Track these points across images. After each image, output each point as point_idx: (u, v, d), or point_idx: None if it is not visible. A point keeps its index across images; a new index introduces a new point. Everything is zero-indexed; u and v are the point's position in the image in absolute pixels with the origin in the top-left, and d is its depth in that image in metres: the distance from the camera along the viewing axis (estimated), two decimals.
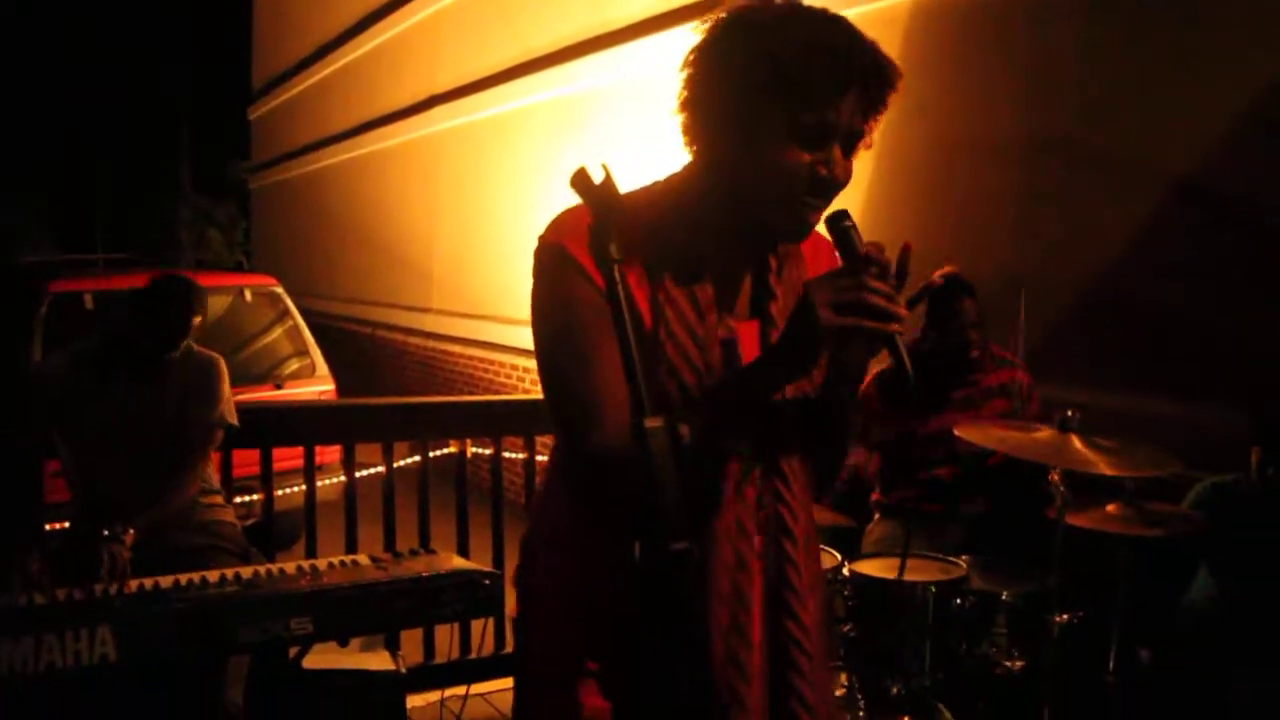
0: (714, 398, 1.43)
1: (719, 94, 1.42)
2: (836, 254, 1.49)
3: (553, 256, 1.43)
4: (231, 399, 3.43)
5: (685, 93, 1.46)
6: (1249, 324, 3.55)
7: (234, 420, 3.41)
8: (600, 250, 1.26)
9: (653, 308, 1.44)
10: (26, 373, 5.62)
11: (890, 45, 4.98)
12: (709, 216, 1.48)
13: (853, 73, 1.38)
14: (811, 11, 1.42)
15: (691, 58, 1.45)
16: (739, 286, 1.55)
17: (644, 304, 1.44)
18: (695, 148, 1.48)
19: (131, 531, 2.96)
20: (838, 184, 1.43)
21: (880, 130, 1.50)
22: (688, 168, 1.52)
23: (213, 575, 2.67)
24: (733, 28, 1.42)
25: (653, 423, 1.14)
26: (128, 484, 3.19)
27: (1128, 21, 3.93)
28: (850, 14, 1.47)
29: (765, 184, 1.42)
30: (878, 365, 3.75)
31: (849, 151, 1.44)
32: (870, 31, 1.44)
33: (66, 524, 3.38)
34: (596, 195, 1.28)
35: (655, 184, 1.54)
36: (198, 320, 3.36)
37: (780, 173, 1.40)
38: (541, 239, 1.46)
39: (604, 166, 1.31)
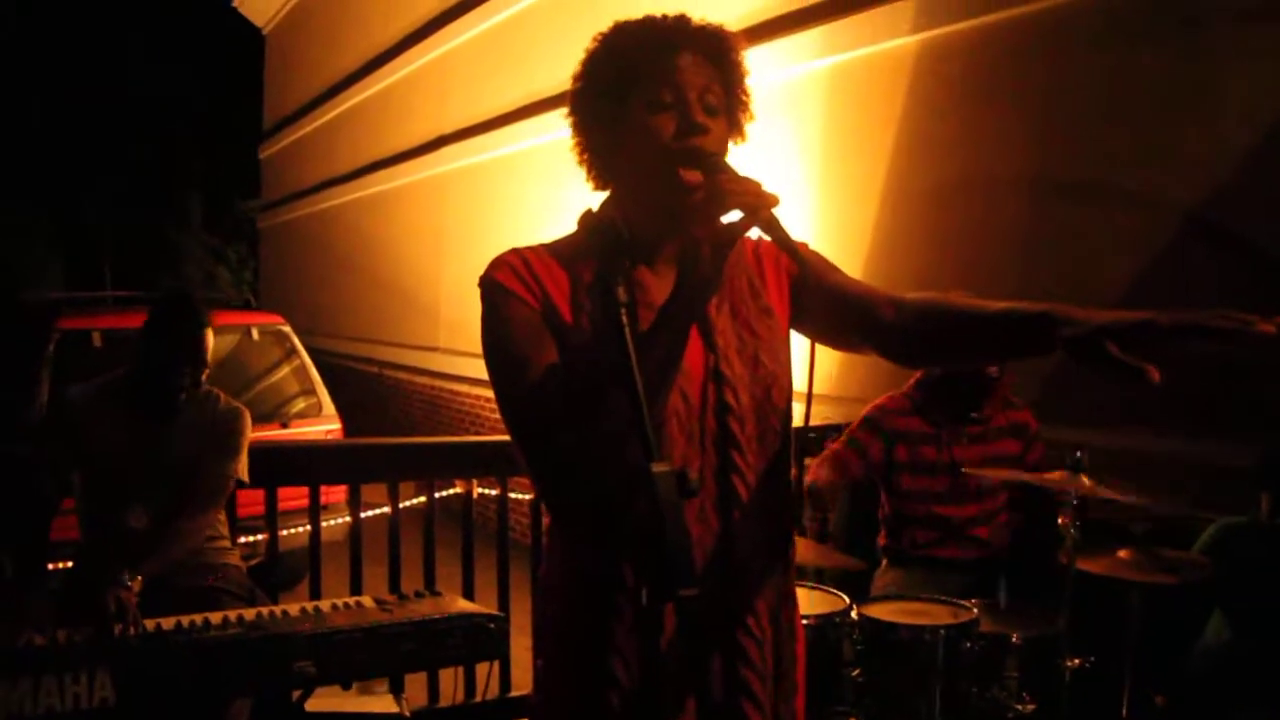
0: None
1: (588, 115, 1.58)
2: (779, 252, 1.58)
3: (488, 289, 1.55)
4: (246, 453, 3.40)
5: (572, 129, 1.61)
6: (1256, 360, 3.53)
7: (245, 476, 3.36)
8: (607, 292, 1.27)
9: (573, 305, 1.53)
10: (40, 409, 5.61)
11: (897, 86, 4.99)
12: (631, 221, 1.54)
13: (677, 36, 1.52)
14: (643, 16, 1.57)
15: (568, 102, 1.61)
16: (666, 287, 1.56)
17: (564, 305, 1.53)
18: (595, 178, 1.62)
19: (139, 579, 2.94)
20: (698, 131, 1.48)
21: (887, 170, 1.53)
22: (604, 202, 1.63)
23: (215, 617, 2.65)
24: (583, 60, 1.59)
25: (660, 467, 1.12)
26: (148, 529, 3.16)
27: (1135, 58, 3.94)
28: (857, 55, 1.51)
29: (639, 162, 1.52)
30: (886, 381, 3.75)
31: (713, 108, 1.52)
32: (877, 73, 1.49)
33: (69, 563, 3.35)
34: (601, 232, 1.31)
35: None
36: (211, 343, 3.26)
37: (645, 143, 1.50)
38: (480, 280, 1.56)
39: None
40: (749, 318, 1.59)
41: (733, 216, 1.39)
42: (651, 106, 1.49)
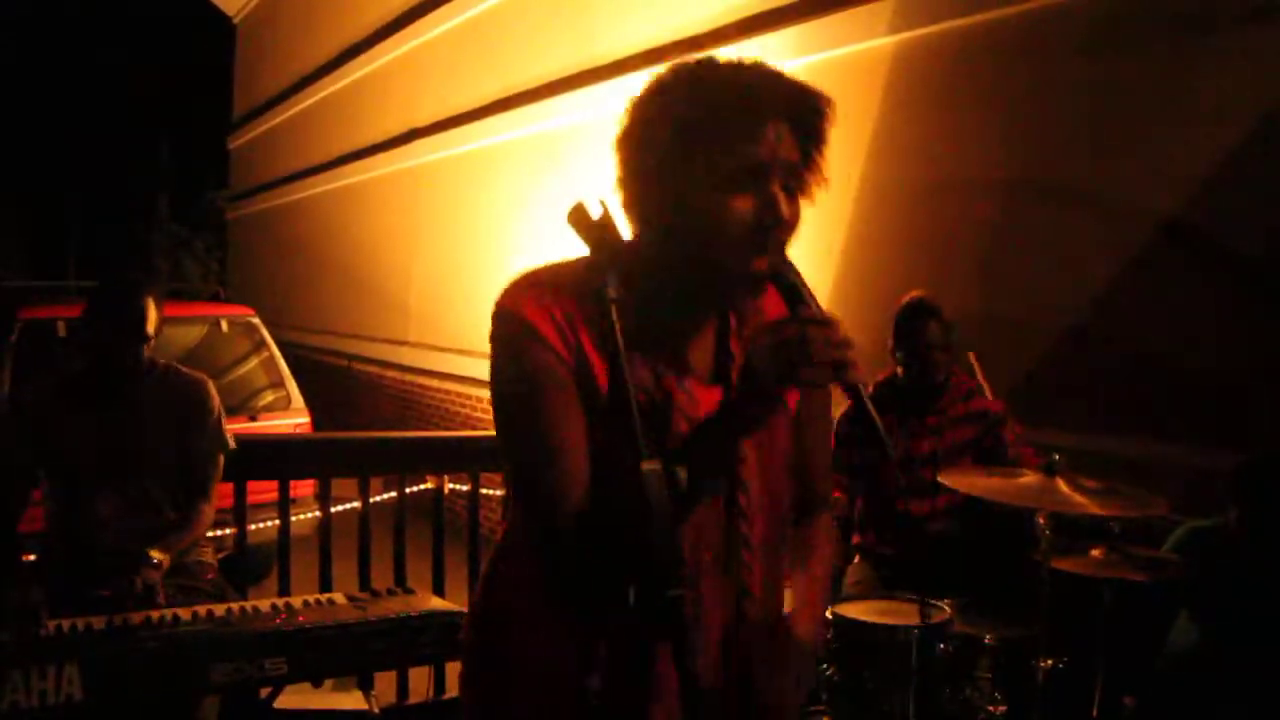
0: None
1: (648, 153, 1.38)
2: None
3: (513, 325, 1.39)
4: (224, 419, 3.38)
5: (619, 160, 1.43)
6: (1232, 364, 3.56)
7: (231, 443, 3.36)
8: (599, 291, 1.24)
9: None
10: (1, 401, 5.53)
11: (872, 88, 4.98)
12: (660, 279, 1.42)
13: (768, 104, 1.35)
14: (730, 60, 1.40)
15: (620, 129, 1.43)
16: (700, 350, 1.50)
17: (599, 370, 1.38)
18: (635, 214, 1.43)
19: (167, 558, 2.98)
20: (781, 224, 1.36)
21: (862, 170, 1.51)
22: (633, 239, 1.45)
23: (184, 613, 2.62)
24: (653, 87, 1.42)
25: (649, 465, 1.11)
26: (122, 515, 3.12)
27: (1115, 62, 3.96)
28: (833, 55, 1.48)
29: (707, 235, 1.36)
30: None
31: (793, 190, 1.38)
32: (852, 75, 1.45)
33: (33, 556, 3.30)
34: (594, 231, 1.26)
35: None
36: (153, 316, 3.19)
37: (719, 220, 1.34)
38: (501, 304, 1.41)
39: (602, 203, 1.29)
40: None
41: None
42: (730, 181, 1.34)
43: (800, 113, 1.37)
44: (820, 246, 4.89)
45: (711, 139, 1.33)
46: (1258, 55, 3.53)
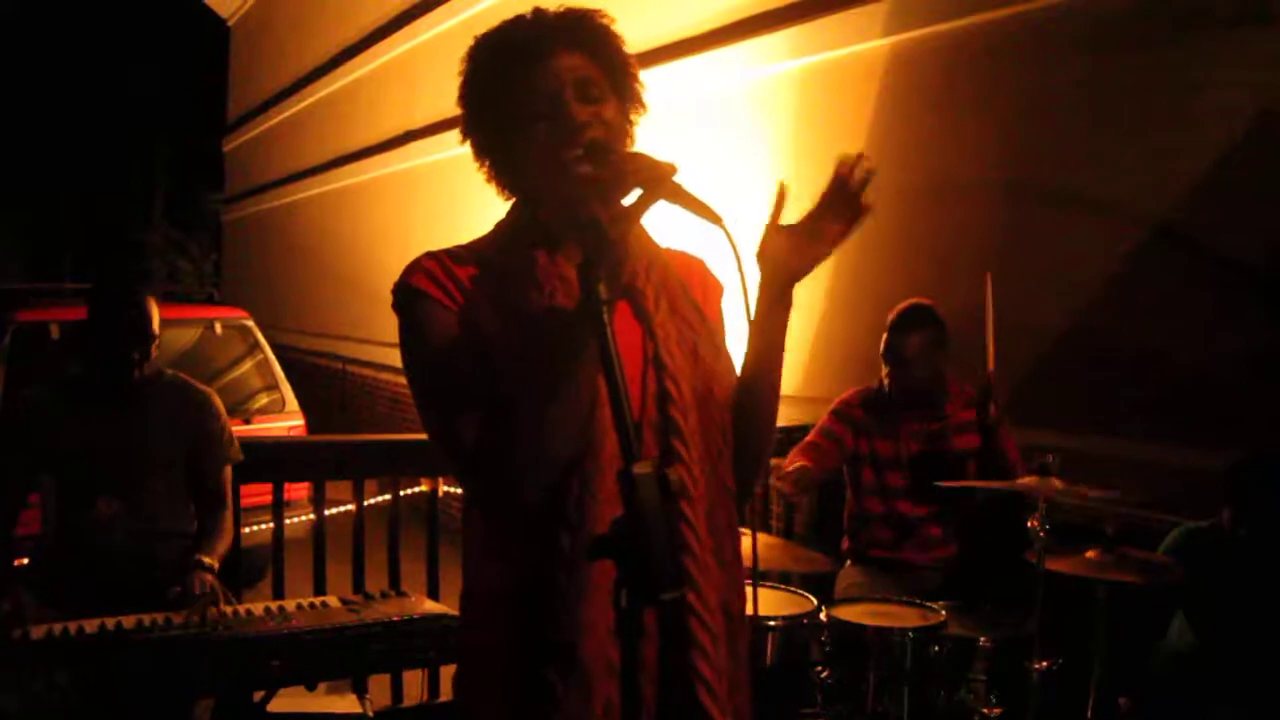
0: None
1: (481, 137, 1.58)
2: (707, 274, 1.68)
3: (401, 293, 1.53)
4: (230, 429, 3.38)
5: (471, 149, 1.61)
6: (1232, 364, 3.56)
7: (239, 455, 3.36)
8: (589, 289, 1.24)
9: (496, 300, 1.50)
10: None
11: (869, 89, 4.95)
12: (530, 230, 1.56)
13: (541, 39, 1.51)
14: (509, 18, 1.56)
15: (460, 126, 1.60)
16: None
17: (485, 301, 1.49)
18: (498, 185, 1.61)
19: (216, 561, 3.01)
20: (581, 128, 1.46)
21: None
22: (508, 212, 1.64)
23: (177, 616, 2.60)
24: (460, 85, 1.61)
25: (641, 469, 1.10)
26: (124, 520, 3.11)
27: (1107, 64, 3.96)
28: (829, 57, 1.49)
29: (538, 171, 1.51)
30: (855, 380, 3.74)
31: (596, 97, 1.50)
32: (849, 76, 1.48)
33: (25, 560, 3.28)
34: (586, 232, 1.28)
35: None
36: (156, 314, 3.19)
37: (538, 153, 1.49)
38: (394, 286, 1.55)
39: (595, 205, 1.31)
40: (685, 313, 1.58)
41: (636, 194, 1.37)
42: (533, 117, 1.49)
43: (583, 36, 1.52)
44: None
45: (509, 89, 1.50)
46: (1258, 55, 3.53)
